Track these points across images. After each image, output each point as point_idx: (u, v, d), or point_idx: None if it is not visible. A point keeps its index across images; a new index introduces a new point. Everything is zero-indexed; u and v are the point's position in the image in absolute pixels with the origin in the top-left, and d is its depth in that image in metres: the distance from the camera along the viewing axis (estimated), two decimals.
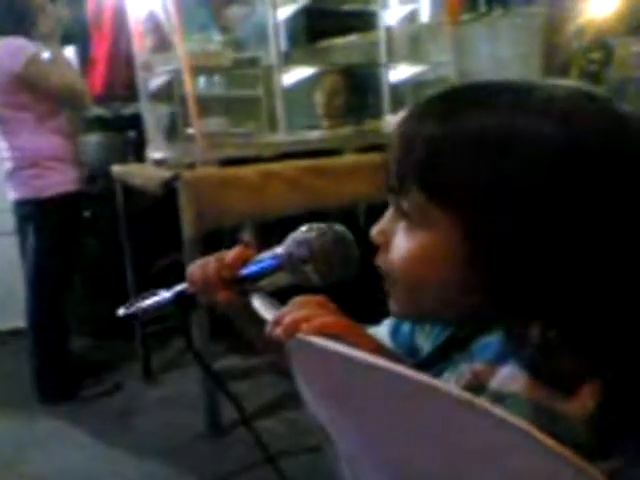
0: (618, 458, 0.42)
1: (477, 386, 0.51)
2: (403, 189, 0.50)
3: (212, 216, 1.93)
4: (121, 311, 0.68)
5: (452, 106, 0.49)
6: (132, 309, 0.67)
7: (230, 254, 0.63)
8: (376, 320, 0.71)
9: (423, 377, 0.38)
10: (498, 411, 0.34)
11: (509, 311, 0.48)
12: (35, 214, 2.46)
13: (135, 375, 2.68)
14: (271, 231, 2.73)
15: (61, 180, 2.44)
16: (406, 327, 0.67)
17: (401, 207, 0.51)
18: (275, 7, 2.33)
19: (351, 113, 2.92)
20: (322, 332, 0.47)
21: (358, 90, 2.96)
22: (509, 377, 0.48)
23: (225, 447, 2.03)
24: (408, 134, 0.50)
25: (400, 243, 0.51)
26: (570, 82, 0.51)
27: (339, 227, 0.60)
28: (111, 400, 2.51)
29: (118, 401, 2.51)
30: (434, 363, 0.57)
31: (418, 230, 0.50)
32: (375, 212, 0.57)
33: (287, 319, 0.50)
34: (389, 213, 0.54)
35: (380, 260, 0.54)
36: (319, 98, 2.90)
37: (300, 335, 0.48)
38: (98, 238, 2.94)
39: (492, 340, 0.52)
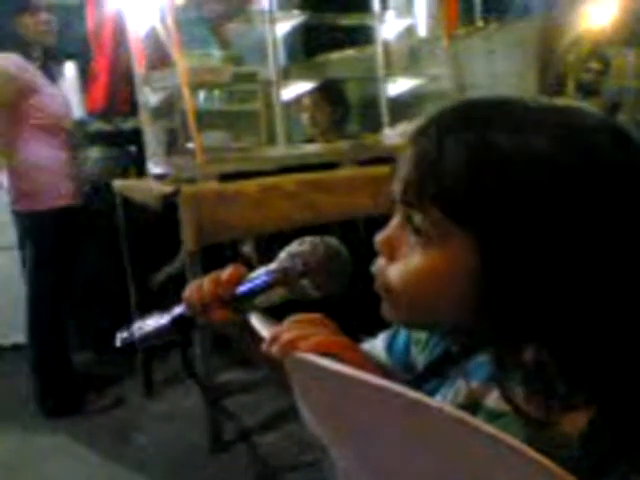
0: (611, 478, 0.42)
1: (473, 404, 0.51)
2: (419, 204, 0.49)
3: (212, 230, 1.93)
4: (119, 339, 0.66)
5: (475, 124, 0.48)
6: (130, 336, 0.66)
7: (224, 273, 0.63)
8: (372, 332, 0.71)
9: (416, 395, 0.38)
10: (490, 429, 0.35)
11: (506, 332, 0.48)
12: (31, 228, 2.48)
13: (136, 389, 2.68)
14: (271, 244, 2.74)
15: (55, 194, 2.45)
16: (401, 342, 0.68)
17: (412, 221, 0.50)
18: (274, 23, 2.34)
19: (339, 127, 2.94)
20: (318, 350, 0.48)
21: (343, 103, 2.98)
22: None
23: (227, 462, 2.02)
24: (427, 151, 0.49)
25: (408, 256, 0.51)
26: (574, 102, 0.52)
27: (332, 240, 0.60)
28: (112, 415, 2.51)
29: (119, 416, 2.50)
30: (428, 378, 0.57)
31: (429, 245, 0.49)
32: (374, 224, 0.57)
33: (284, 337, 0.50)
34: (396, 222, 0.53)
35: (378, 266, 0.53)
36: (304, 118, 2.93)
37: (297, 353, 0.48)
38: (99, 252, 2.95)
39: (487, 359, 0.52)
